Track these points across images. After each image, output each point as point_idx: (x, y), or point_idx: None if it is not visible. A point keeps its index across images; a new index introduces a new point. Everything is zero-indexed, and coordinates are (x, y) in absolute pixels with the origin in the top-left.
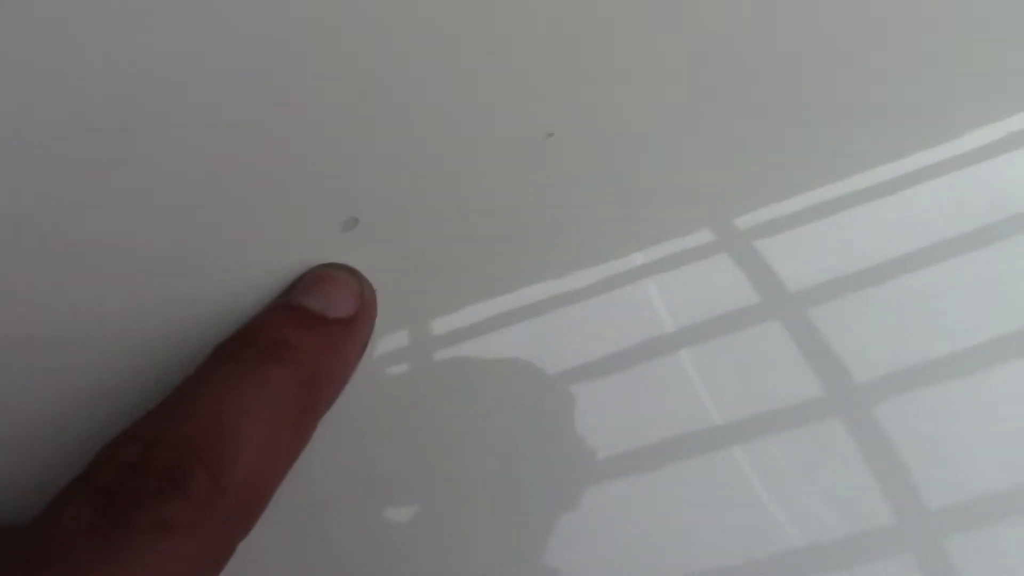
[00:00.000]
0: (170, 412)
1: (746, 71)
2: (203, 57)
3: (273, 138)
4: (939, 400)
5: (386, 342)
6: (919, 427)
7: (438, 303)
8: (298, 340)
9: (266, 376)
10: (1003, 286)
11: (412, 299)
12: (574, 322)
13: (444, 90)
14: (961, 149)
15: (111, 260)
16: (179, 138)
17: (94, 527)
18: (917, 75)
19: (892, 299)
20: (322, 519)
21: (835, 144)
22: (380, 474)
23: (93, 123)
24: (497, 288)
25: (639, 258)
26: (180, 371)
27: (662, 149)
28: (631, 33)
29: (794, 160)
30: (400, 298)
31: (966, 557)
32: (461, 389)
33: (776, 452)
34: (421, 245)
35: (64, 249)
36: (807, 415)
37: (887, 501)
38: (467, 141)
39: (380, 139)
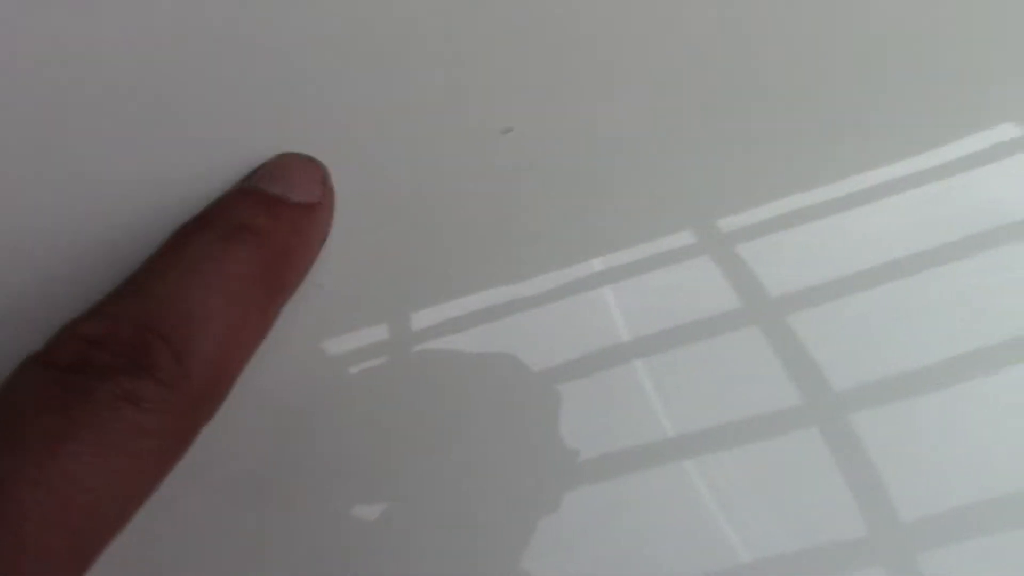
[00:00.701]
0: (133, 291)
1: (729, 74)
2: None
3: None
4: (914, 412)
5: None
6: (893, 438)
7: (393, 304)
8: (261, 223)
9: (230, 257)
10: (986, 298)
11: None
12: (546, 323)
13: (405, 80)
14: (946, 158)
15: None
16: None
17: (53, 401)
18: (903, 83)
19: (870, 308)
20: (296, 515)
21: (819, 150)
22: (355, 470)
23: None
24: (464, 287)
25: (610, 261)
26: (138, 257)
27: (645, 150)
28: (604, 26)
29: (778, 165)
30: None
31: (938, 571)
32: (430, 387)
33: (750, 460)
34: (374, 242)
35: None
36: (785, 423)
37: (860, 513)
38: (428, 135)
39: (338, 132)
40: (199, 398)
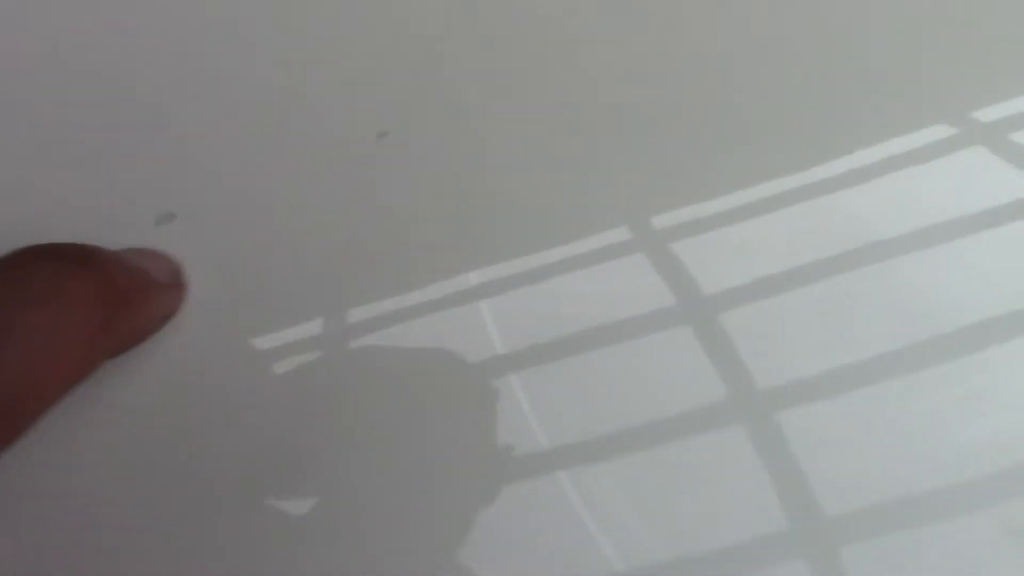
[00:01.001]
0: None
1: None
2: None
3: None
4: (831, 410)
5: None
6: (812, 436)
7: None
8: (110, 266)
9: (72, 281)
10: (913, 298)
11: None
12: (479, 319)
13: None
14: (873, 158)
15: None
16: None
17: None
18: (823, 89)
19: (796, 308)
20: (229, 512)
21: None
22: (288, 465)
23: None
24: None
25: (533, 261)
26: None
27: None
28: (478, 34)
29: (706, 167)
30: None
31: (858, 566)
32: (365, 381)
33: (672, 455)
34: (241, 246)
35: None
36: (710, 420)
37: (783, 508)
38: (303, 140)
39: (198, 136)
40: None
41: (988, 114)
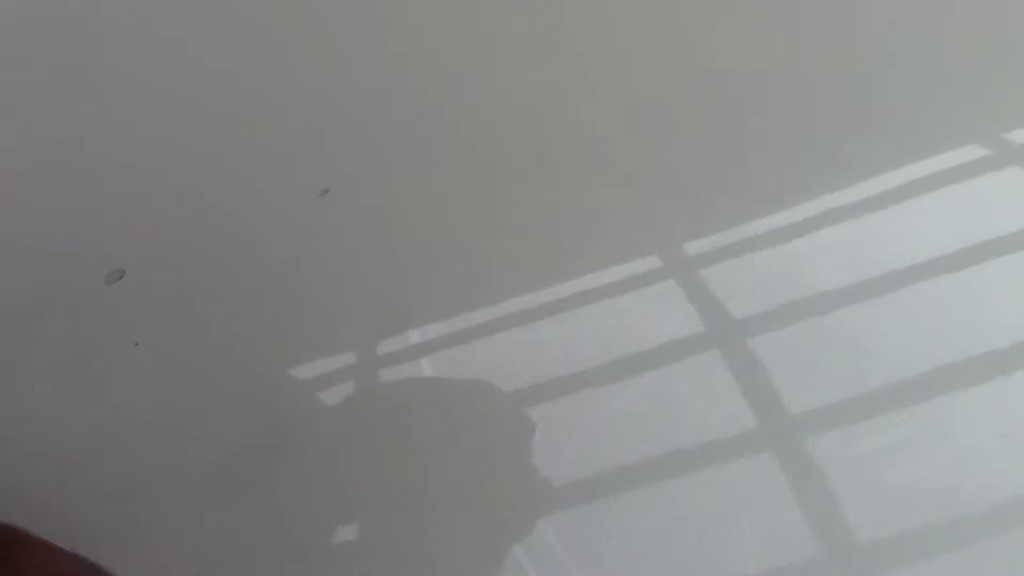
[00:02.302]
0: None
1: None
2: None
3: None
4: (869, 433)
5: None
6: (850, 460)
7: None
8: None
9: None
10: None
11: None
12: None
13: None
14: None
15: None
16: None
17: None
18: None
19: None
20: (273, 536)
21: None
22: (333, 494)
23: None
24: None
25: (578, 286)
26: None
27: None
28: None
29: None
30: None
31: None
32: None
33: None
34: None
35: None
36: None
37: (814, 535)
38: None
39: (145, 193)
40: None
41: (939, 163)
